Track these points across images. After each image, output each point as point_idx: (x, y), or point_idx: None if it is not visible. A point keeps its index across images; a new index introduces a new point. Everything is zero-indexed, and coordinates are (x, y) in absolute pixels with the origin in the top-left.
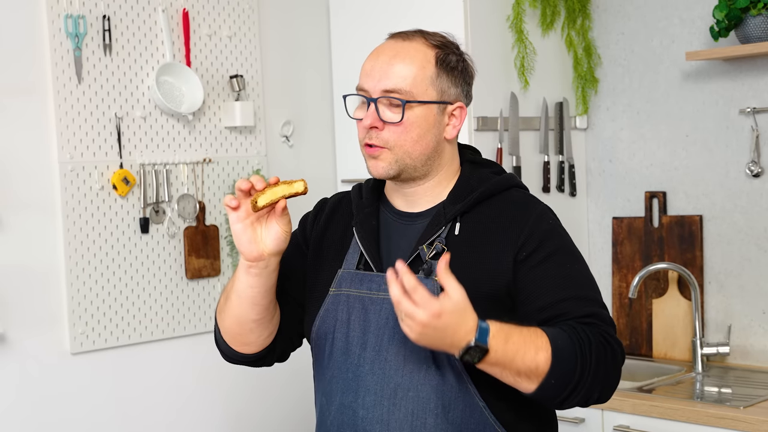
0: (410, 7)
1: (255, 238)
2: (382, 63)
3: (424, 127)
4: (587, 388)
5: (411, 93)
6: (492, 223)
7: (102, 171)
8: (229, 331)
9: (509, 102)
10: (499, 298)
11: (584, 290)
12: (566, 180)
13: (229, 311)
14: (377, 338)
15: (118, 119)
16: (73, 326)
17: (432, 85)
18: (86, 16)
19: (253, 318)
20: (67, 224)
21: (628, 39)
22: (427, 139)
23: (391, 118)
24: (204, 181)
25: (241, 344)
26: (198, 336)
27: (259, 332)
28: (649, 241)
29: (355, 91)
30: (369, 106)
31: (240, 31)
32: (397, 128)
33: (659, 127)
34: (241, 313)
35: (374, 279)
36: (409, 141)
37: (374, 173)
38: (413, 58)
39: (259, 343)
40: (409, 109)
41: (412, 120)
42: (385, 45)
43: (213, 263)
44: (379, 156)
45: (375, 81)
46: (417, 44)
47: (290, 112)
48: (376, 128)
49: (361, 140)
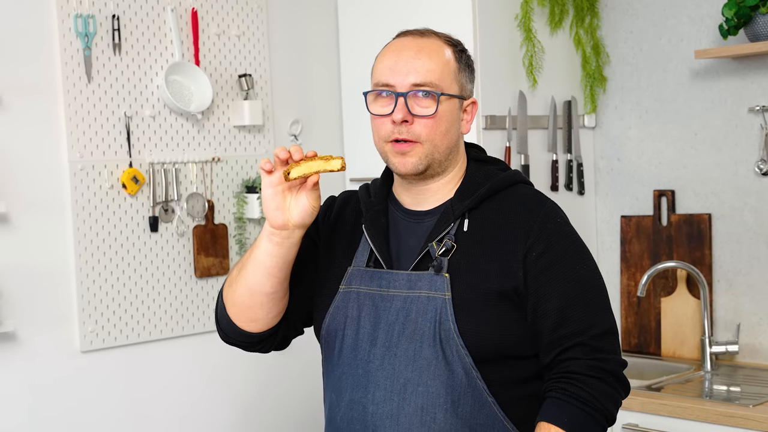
0: (419, 5)
1: (283, 206)
2: (408, 58)
3: (450, 121)
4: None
5: (440, 86)
6: (500, 219)
7: (111, 170)
8: (237, 304)
9: (518, 100)
10: (509, 295)
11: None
12: (575, 178)
13: (243, 281)
14: (387, 334)
15: (128, 118)
16: (83, 324)
17: (455, 80)
18: (96, 15)
19: (267, 291)
20: (77, 223)
21: (636, 37)
22: (452, 133)
23: (422, 111)
24: (213, 180)
25: (247, 320)
26: (207, 334)
27: (269, 308)
28: (657, 239)
29: (369, 88)
30: (397, 101)
31: (248, 30)
32: (429, 121)
33: (668, 125)
34: (255, 282)
35: (384, 276)
36: (439, 134)
37: (402, 170)
38: (438, 53)
39: (266, 321)
40: (440, 103)
41: (442, 113)
42: (404, 41)
43: (222, 262)
44: (408, 152)
45: (402, 75)
46: (435, 41)
47: (298, 111)
48: (406, 122)
49: (384, 137)
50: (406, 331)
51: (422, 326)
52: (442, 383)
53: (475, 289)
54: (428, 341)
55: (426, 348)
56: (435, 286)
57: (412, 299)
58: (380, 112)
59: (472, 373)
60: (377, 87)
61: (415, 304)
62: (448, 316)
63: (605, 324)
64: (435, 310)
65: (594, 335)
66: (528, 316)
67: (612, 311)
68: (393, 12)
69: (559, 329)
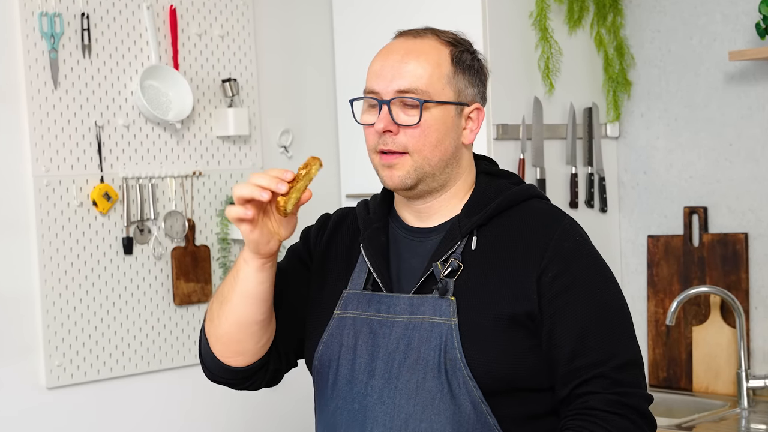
0: (422, 2)
1: (272, 232)
2: (393, 62)
3: (442, 131)
4: None
5: (427, 93)
6: (512, 237)
7: (81, 185)
8: (223, 340)
9: (532, 108)
10: (521, 321)
11: (614, 323)
12: (596, 194)
13: (230, 315)
14: (387, 365)
15: (99, 128)
16: (50, 358)
17: (449, 85)
18: (63, 14)
19: (259, 318)
20: (42, 245)
21: (664, 37)
22: (446, 143)
23: (406, 120)
24: (194, 196)
25: (234, 354)
26: (187, 369)
27: (259, 336)
28: (688, 261)
29: (362, 95)
30: (381, 109)
31: (233, 29)
32: (414, 131)
33: (699, 135)
34: (247, 314)
35: (383, 300)
36: (428, 145)
37: (389, 184)
38: (428, 56)
39: (255, 352)
40: (426, 110)
41: (430, 122)
42: (394, 43)
43: (204, 288)
44: (395, 164)
45: (387, 81)
46: (430, 41)
47: (289, 120)
48: (390, 132)
49: (372, 147)
50: (408, 360)
51: (425, 355)
52: (448, 419)
53: (484, 314)
54: (432, 372)
55: (430, 379)
56: (440, 311)
57: (415, 325)
58: (367, 121)
59: (480, 408)
60: (365, 94)
61: (417, 330)
62: (454, 344)
63: (628, 354)
64: (440, 338)
65: (616, 366)
66: (543, 344)
67: (636, 340)
68: (395, 9)
69: (577, 359)
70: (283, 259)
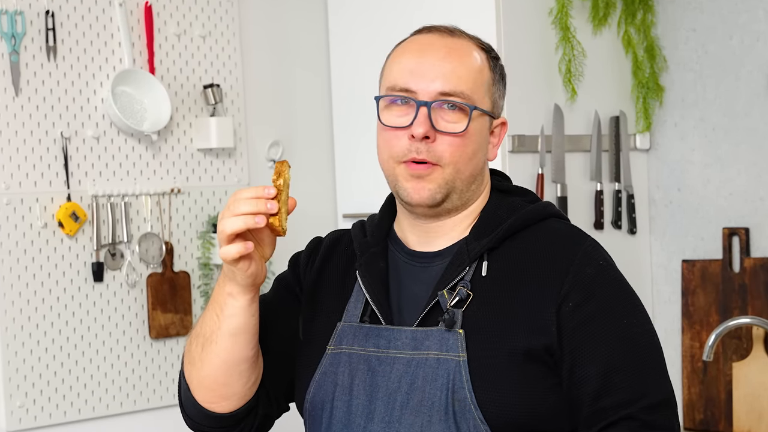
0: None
1: (263, 260)
2: (434, 59)
3: (478, 143)
4: None
5: (472, 99)
6: (527, 261)
7: (45, 204)
8: (208, 382)
9: (552, 117)
10: (539, 356)
11: (643, 358)
12: (624, 214)
13: (215, 357)
14: (387, 406)
15: (65, 140)
16: (10, 398)
17: (488, 94)
18: (25, 11)
19: (248, 354)
20: (2, 270)
21: (700, 37)
22: (479, 157)
23: (450, 127)
24: (172, 216)
25: (220, 399)
26: (165, 410)
27: (248, 374)
28: (727, 289)
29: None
30: (418, 111)
31: (216, 29)
32: (455, 140)
33: (740, 147)
34: (234, 352)
35: (383, 333)
36: (465, 157)
37: (416, 198)
38: (470, 59)
39: (244, 393)
40: (473, 119)
41: (472, 132)
42: (430, 38)
43: (183, 319)
44: (427, 176)
45: (427, 81)
46: (467, 42)
47: (279, 131)
48: (428, 139)
49: (398, 155)
50: (411, 402)
51: (431, 396)
52: None
53: (496, 349)
54: (438, 415)
55: (436, 423)
56: (446, 346)
57: (418, 362)
58: (396, 123)
59: None
60: (393, 92)
61: (421, 368)
62: (463, 383)
63: (660, 393)
64: (447, 376)
65: (645, 407)
66: (563, 381)
67: (669, 378)
68: (395, 6)
69: (602, 399)
70: (270, 290)
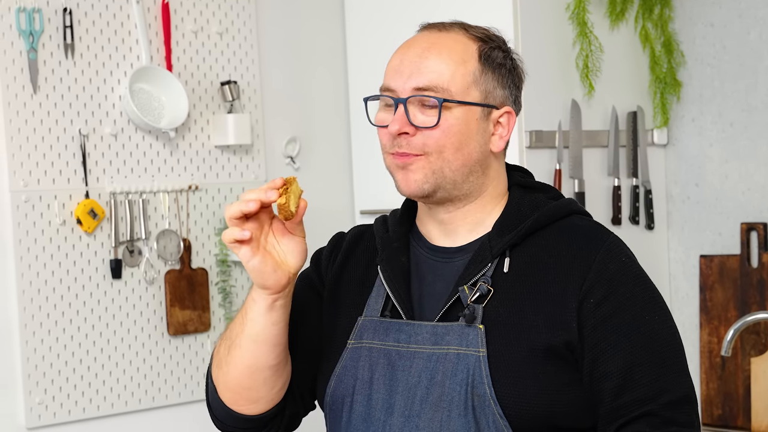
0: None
1: (278, 261)
2: (413, 56)
3: (465, 134)
4: None
5: (449, 91)
6: (549, 258)
7: (63, 201)
8: (234, 387)
9: (569, 112)
10: (559, 352)
11: (665, 355)
12: (641, 209)
13: (239, 361)
14: (407, 401)
15: (83, 137)
16: (29, 394)
17: (475, 84)
18: (43, 9)
19: (272, 363)
20: (21, 268)
21: (718, 32)
22: (470, 148)
23: (424, 121)
24: (189, 213)
25: (247, 402)
26: (183, 406)
27: (273, 381)
28: (746, 285)
29: (378, 93)
30: (397, 108)
31: (233, 26)
32: (432, 133)
33: (758, 142)
34: (258, 359)
35: (403, 328)
36: (450, 147)
37: (405, 189)
38: (451, 51)
39: (271, 398)
40: (447, 110)
41: (451, 123)
42: (416, 37)
43: (201, 316)
44: (411, 165)
45: (404, 78)
46: (456, 35)
47: (296, 127)
48: (407, 134)
49: (386, 149)
50: (431, 396)
51: (450, 391)
52: None
53: (517, 345)
54: (458, 409)
55: (455, 418)
56: (467, 341)
57: (438, 357)
58: (379, 121)
59: None
60: (381, 92)
61: (441, 362)
62: (482, 378)
63: (681, 389)
64: (467, 371)
65: (666, 403)
66: (584, 378)
67: (689, 374)
68: (412, 4)
69: (623, 395)
70: (294, 287)
